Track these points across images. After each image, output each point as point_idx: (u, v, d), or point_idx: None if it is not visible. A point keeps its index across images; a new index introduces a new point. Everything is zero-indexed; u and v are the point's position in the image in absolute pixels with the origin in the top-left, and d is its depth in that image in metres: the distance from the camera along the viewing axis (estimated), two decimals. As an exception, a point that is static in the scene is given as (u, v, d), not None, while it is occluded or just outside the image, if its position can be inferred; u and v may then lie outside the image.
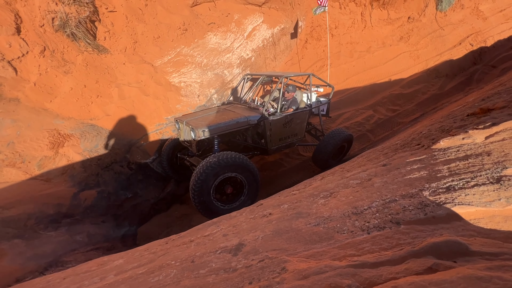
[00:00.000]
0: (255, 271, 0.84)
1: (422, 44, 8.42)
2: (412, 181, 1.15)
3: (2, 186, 3.56)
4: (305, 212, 1.14)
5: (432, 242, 0.73)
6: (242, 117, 3.89)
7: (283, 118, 4.21)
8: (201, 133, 3.52)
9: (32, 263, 3.07)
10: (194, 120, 3.86)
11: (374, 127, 6.92)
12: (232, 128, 3.80)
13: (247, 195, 3.35)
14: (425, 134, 2.39)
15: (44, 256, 3.22)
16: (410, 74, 8.12)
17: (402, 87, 7.85)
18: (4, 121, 3.79)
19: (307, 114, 4.62)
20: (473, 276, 0.57)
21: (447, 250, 0.70)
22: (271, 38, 6.21)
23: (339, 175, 1.63)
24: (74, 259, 3.40)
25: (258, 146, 4.23)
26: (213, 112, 4.23)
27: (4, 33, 3.88)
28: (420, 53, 8.34)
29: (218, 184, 3.14)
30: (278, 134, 4.24)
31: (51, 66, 4.28)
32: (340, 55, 7.37)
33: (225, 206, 3.25)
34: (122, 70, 4.82)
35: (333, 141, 4.53)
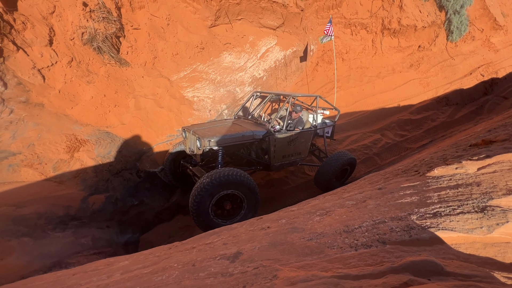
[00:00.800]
0: (250, 277, 0.92)
1: (432, 72, 8.55)
2: (403, 205, 1.22)
3: (19, 185, 3.75)
4: (300, 227, 1.22)
5: (410, 260, 0.80)
6: (248, 131, 3.97)
7: (288, 136, 4.29)
8: (207, 142, 3.58)
9: (38, 262, 3.17)
10: (201, 130, 3.95)
11: (381, 151, 6.93)
12: (238, 141, 3.87)
13: (247, 209, 3.37)
14: (427, 161, 2.44)
15: (50, 256, 3.32)
16: (419, 101, 8.20)
17: (411, 113, 7.91)
18: (28, 124, 4.06)
19: (311, 134, 4.70)
20: (440, 292, 0.64)
21: (423, 268, 0.77)
22: (283, 60, 6.48)
23: (338, 196, 1.71)
24: (77, 261, 3.48)
25: (261, 161, 4.29)
26: (220, 124, 4.34)
27: (38, 44, 4.24)
28: (430, 80, 8.45)
29: (217, 201, 3.16)
30: (282, 151, 4.30)
31: (76, 75, 4.61)
32: (350, 78, 7.56)
33: (226, 222, 3.25)
34: (141, 82, 5.12)
35: (336, 163, 4.56)
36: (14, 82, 4.05)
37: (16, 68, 4.09)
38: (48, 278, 1.54)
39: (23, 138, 3.99)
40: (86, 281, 1.28)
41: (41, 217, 3.66)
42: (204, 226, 3.09)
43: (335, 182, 4.90)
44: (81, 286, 1.24)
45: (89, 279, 1.30)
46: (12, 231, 3.35)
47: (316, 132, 4.88)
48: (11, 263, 3.06)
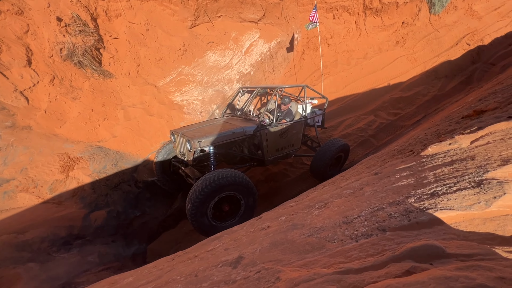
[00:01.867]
0: (252, 282, 0.90)
1: (419, 47, 8.53)
2: (400, 188, 1.21)
3: (17, 211, 3.70)
4: (300, 223, 1.21)
5: (411, 247, 0.79)
6: (238, 128, 3.90)
7: (280, 129, 4.26)
8: (197, 144, 3.51)
9: (47, 286, 3.15)
10: (190, 131, 3.88)
11: (377, 132, 6.95)
12: (228, 139, 3.80)
13: (245, 208, 3.33)
14: (421, 138, 2.44)
15: (58, 278, 3.30)
16: (409, 77, 8.19)
17: (402, 91, 7.91)
18: (18, 148, 3.99)
19: (302, 125, 4.68)
20: (442, 277, 0.63)
21: (424, 253, 0.76)
22: (269, 52, 6.41)
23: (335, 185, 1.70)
24: (87, 279, 3.47)
25: (254, 157, 4.24)
26: (209, 124, 4.25)
27: (17, 65, 4.14)
28: (417, 56, 8.44)
29: (215, 204, 3.10)
30: (274, 145, 4.26)
31: (60, 93, 4.52)
32: (337, 63, 7.52)
33: (226, 223, 3.21)
34: (127, 92, 5.04)
35: (329, 151, 4.54)
36: (-3, 108, 3.97)
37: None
38: (53, 304, 1.52)
39: (14, 163, 3.93)
40: (91, 304, 1.27)
41: (44, 240, 3.63)
42: (204, 231, 3.06)
43: (331, 170, 4.88)
44: (86, 309, 1.22)
45: (94, 302, 1.28)
46: (16, 258, 3.32)
47: (306, 122, 4.85)
48: (20, 290, 3.03)
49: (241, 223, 1.72)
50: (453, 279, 0.62)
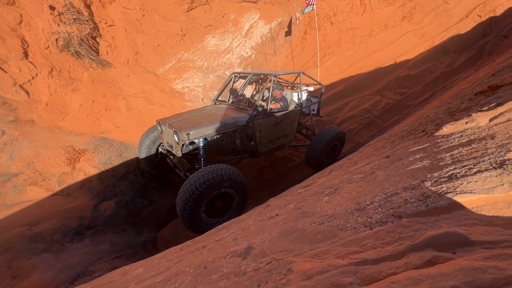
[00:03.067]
0: (263, 274, 0.88)
1: (426, 21, 8.14)
2: (414, 171, 1.15)
3: (28, 204, 3.77)
4: (309, 211, 1.17)
5: (431, 235, 0.74)
6: (230, 118, 3.67)
7: (273, 119, 4.04)
8: (185, 136, 3.28)
9: (63, 275, 3.25)
10: (177, 122, 3.60)
11: (383, 113, 6.80)
12: (219, 131, 3.59)
13: (237, 204, 3.23)
14: (432, 118, 2.34)
15: (73, 267, 3.40)
16: (416, 54, 7.89)
17: (409, 68, 7.64)
18: (23, 142, 4.00)
19: (297, 114, 4.47)
20: (469, 267, 0.58)
21: (446, 241, 0.71)
22: (270, 34, 6.18)
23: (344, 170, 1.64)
24: (100, 268, 3.56)
25: (247, 148, 4.04)
26: (198, 113, 3.99)
27: (13, 58, 4.06)
28: (425, 31, 8.07)
29: (207, 202, 2.98)
30: (268, 136, 4.07)
31: (59, 85, 4.46)
32: (341, 42, 7.25)
33: (218, 220, 3.13)
34: (127, 82, 4.95)
35: (324, 139, 4.39)
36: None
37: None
38: (67, 295, 1.54)
39: (21, 157, 3.95)
40: (103, 296, 1.27)
41: (56, 231, 3.71)
42: (196, 230, 2.96)
43: (326, 159, 4.75)
44: (98, 302, 1.23)
45: (106, 294, 1.29)
46: (30, 249, 3.41)
47: (302, 111, 4.66)
48: (37, 280, 3.14)
49: (234, 217, 1.66)
50: (481, 270, 0.57)
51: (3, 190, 3.69)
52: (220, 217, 3.18)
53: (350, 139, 6.38)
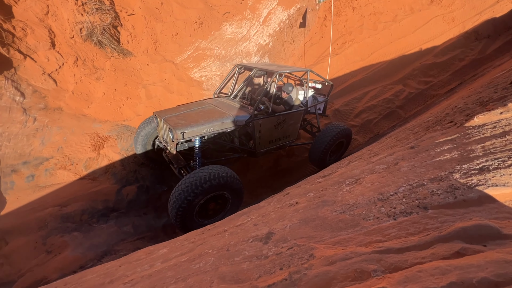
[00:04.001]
0: (285, 258, 0.90)
1: (458, 4, 7.56)
2: (441, 163, 1.12)
3: (58, 186, 4.03)
4: (330, 200, 1.17)
5: (460, 226, 0.73)
6: (229, 117, 3.48)
7: (275, 119, 3.80)
8: (180, 135, 3.11)
9: (91, 252, 3.49)
10: (173, 117, 3.43)
11: (405, 103, 6.52)
12: (216, 130, 3.41)
13: (231, 206, 3.16)
14: (461, 108, 2.22)
15: (99, 246, 3.64)
16: (444, 40, 7.41)
17: (435, 56, 7.21)
18: (52, 129, 4.23)
19: (301, 115, 4.21)
20: (501, 260, 0.57)
21: (476, 234, 0.70)
22: (288, 20, 6.02)
23: (365, 160, 1.62)
24: (124, 247, 3.79)
25: (245, 148, 3.87)
26: (196, 108, 3.79)
27: (42, 48, 4.25)
28: (456, 14, 7.52)
29: (201, 204, 2.90)
30: (268, 136, 3.86)
31: (84, 74, 4.63)
32: (363, 28, 6.93)
33: (211, 221, 3.03)
34: (147, 70, 5.05)
35: (329, 137, 4.16)
36: (30, 91, 4.17)
37: (28, 76, 4.17)
38: (99, 270, 1.66)
39: (51, 143, 4.20)
40: (131, 272, 1.36)
41: (84, 212, 3.96)
42: (186, 230, 2.82)
43: (331, 157, 4.53)
44: (127, 277, 1.31)
45: (134, 270, 1.38)
46: (62, 228, 3.68)
47: (306, 111, 4.40)
48: (69, 256, 3.40)
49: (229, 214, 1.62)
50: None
51: (37, 172, 3.97)
52: (212, 219, 3.10)
53: (369, 130, 6.20)
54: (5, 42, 3.88)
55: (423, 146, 1.35)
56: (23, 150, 3.97)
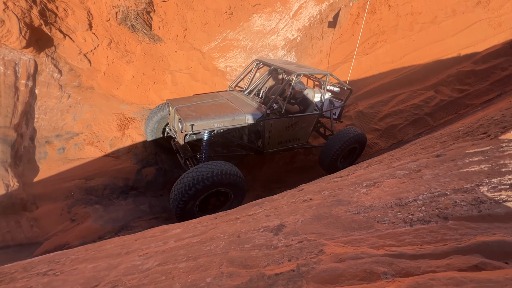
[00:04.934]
0: (294, 251, 0.91)
1: (508, 8, 6.95)
2: (469, 174, 1.06)
3: (85, 161, 4.30)
4: (345, 200, 1.16)
5: (481, 240, 0.69)
6: (240, 114, 3.43)
7: (287, 120, 3.71)
8: (189, 127, 3.10)
9: (109, 225, 3.72)
10: (185, 108, 3.42)
11: (435, 110, 6.18)
12: (226, 125, 3.37)
13: (232, 203, 3.14)
14: (497, 120, 2.07)
15: (117, 220, 3.85)
16: (487, 47, 6.87)
17: (475, 63, 6.72)
18: (84, 106, 4.49)
19: (314, 119, 4.09)
20: (523, 279, 0.54)
21: (498, 250, 0.66)
22: (319, 16, 5.87)
23: (386, 165, 1.57)
24: (140, 225, 3.99)
25: (253, 146, 3.81)
26: (209, 100, 3.77)
27: (80, 29, 4.47)
28: (503, 19, 6.93)
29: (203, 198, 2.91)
30: (278, 137, 3.79)
31: (116, 56, 4.83)
32: (397, 28, 6.60)
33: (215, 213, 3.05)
34: (174, 57, 5.17)
35: (342, 141, 4.00)
36: (67, 69, 4.42)
37: (66, 55, 4.43)
38: (116, 242, 1.77)
39: (82, 119, 4.46)
40: (146, 247, 1.44)
41: (106, 188, 4.20)
42: (185, 219, 2.84)
43: (342, 162, 4.39)
44: (142, 250, 1.39)
45: (149, 245, 1.45)
46: (86, 199, 3.93)
47: (321, 115, 4.26)
48: (90, 226, 3.64)
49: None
50: (538, 283, 0.53)
51: (67, 146, 4.25)
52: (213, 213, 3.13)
53: (393, 135, 5.97)
54: (48, 21, 4.13)
55: (450, 155, 1.28)
56: (56, 123, 4.25)
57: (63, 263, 1.50)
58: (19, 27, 3.72)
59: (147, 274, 1.05)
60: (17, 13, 3.71)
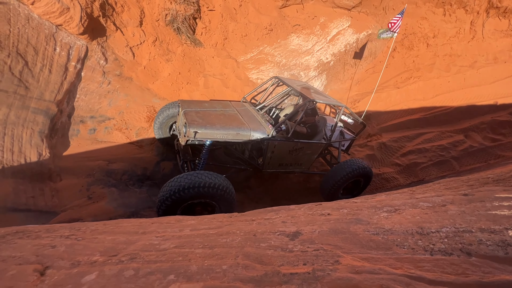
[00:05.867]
0: (310, 257, 0.93)
1: (554, 64, 6.70)
2: (497, 217, 1.04)
3: (111, 144, 4.53)
4: (365, 220, 1.16)
5: (507, 279, 0.68)
6: (246, 129, 3.40)
7: (292, 144, 3.62)
8: (192, 133, 3.11)
9: (121, 209, 3.84)
10: (193, 112, 3.42)
11: (462, 155, 5.95)
12: (230, 138, 3.35)
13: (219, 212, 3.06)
14: (532, 173, 1.99)
15: (129, 206, 3.98)
16: (526, 100, 6.60)
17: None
18: (120, 94, 4.79)
19: (321, 148, 3.99)
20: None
21: (524, 291, 0.65)
22: (355, 44, 5.98)
23: (408, 195, 1.55)
24: (149, 214, 4.08)
25: (252, 163, 3.73)
26: (219, 109, 3.77)
27: (131, 25, 4.85)
28: (548, 75, 6.66)
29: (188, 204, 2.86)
30: (279, 159, 3.72)
31: (158, 54, 5.16)
32: (433, 67, 6.54)
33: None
34: (211, 62, 5.43)
35: (345, 172, 3.87)
36: (112, 58, 4.78)
37: (114, 45, 4.80)
38: (133, 222, 1.85)
39: (116, 106, 4.75)
40: (162, 230, 1.50)
41: (125, 173, 4.38)
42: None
43: (344, 194, 4.26)
44: (159, 233, 1.45)
45: (165, 230, 1.51)
46: (105, 181, 4.12)
47: (329, 145, 4.18)
48: (104, 206, 3.78)
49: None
50: None
51: (98, 128, 4.52)
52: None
53: (414, 173, 5.78)
54: (105, 14, 4.53)
55: (479, 196, 1.26)
56: (93, 106, 4.56)
57: (83, 231, 1.59)
58: (80, 15, 4.11)
59: (164, 253, 1.11)
60: (81, 3, 4.11)
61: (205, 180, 2.74)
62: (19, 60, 3.61)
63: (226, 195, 2.87)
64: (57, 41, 4.05)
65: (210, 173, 2.86)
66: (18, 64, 3.60)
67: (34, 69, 3.79)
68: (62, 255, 1.21)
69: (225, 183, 2.88)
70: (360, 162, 4.06)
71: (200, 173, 2.81)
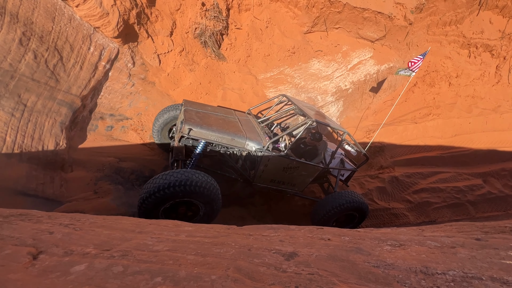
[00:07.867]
0: (303, 280, 0.89)
1: None
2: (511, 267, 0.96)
3: (124, 143, 4.66)
4: (366, 250, 1.11)
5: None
6: (242, 137, 3.35)
7: (287, 161, 3.49)
8: (186, 130, 3.08)
9: (124, 208, 3.87)
10: (193, 112, 3.44)
11: (479, 201, 5.65)
12: (224, 142, 3.30)
13: (202, 217, 2.96)
14: (554, 228, 1.85)
15: (132, 206, 4.00)
16: (553, 151, 6.29)
17: (536, 164, 6.14)
18: (141, 96, 4.98)
19: (317, 171, 3.81)
20: None
21: None
22: (375, 75, 6.01)
23: (416, 231, 1.47)
24: (149, 217, 4.08)
25: (244, 174, 3.62)
26: (221, 114, 3.79)
27: (162, 34, 5.14)
28: None
29: (172, 204, 2.76)
30: (272, 174, 3.59)
31: (182, 63, 5.39)
32: (454, 107, 6.43)
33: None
34: (231, 76, 5.60)
35: (338, 203, 3.70)
36: (139, 62, 5.04)
37: (143, 51, 5.07)
38: (132, 220, 1.85)
39: (136, 107, 4.93)
40: (158, 232, 1.49)
41: (133, 173, 4.44)
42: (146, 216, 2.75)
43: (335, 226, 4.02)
44: (155, 234, 1.44)
45: (161, 232, 1.50)
46: (113, 177, 4.19)
47: (326, 170, 4.03)
48: (107, 203, 3.82)
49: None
50: None
51: (115, 126, 4.68)
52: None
53: (425, 212, 5.52)
54: (140, 22, 4.84)
55: (492, 243, 1.17)
56: (114, 105, 4.75)
57: (83, 222, 1.60)
58: (117, 20, 4.41)
59: (156, 254, 1.09)
60: (120, 10, 4.43)
61: (195, 180, 2.64)
62: (55, 54, 3.87)
63: (210, 193, 2.76)
64: (92, 41, 4.34)
65: (198, 172, 2.77)
66: (54, 58, 3.86)
67: (67, 64, 4.04)
68: (57, 242, 1.22)
69: (209, 182, 2.78)
70: (356, 196, 3.88)
71: (185, 171, 2.71)
